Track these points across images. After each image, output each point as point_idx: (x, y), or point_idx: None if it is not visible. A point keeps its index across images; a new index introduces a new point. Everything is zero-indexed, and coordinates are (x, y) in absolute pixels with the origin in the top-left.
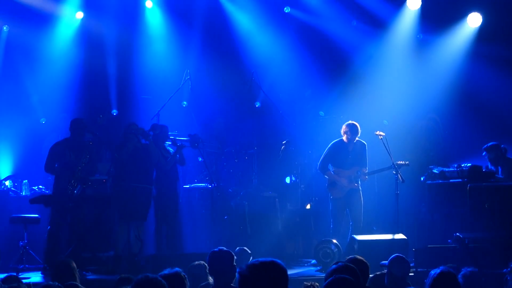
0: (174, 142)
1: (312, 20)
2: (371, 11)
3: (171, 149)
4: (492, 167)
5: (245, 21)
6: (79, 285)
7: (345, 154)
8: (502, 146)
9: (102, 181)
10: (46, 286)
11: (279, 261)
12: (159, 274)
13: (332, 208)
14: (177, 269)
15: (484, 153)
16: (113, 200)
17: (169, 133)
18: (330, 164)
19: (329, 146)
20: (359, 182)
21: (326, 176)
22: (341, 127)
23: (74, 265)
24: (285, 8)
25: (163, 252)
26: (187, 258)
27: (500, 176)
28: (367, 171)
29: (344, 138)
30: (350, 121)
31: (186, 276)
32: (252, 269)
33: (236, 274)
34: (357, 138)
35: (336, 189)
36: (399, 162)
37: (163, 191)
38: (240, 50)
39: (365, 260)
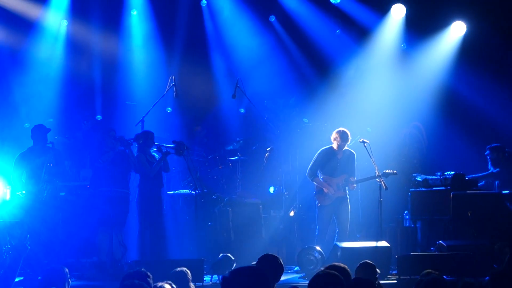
0: (159, 148)
1: (297, 28)
2: (356, 19)
3: (156, 155)
4: (491, 168)
5: (230, 27)
6: None
7: (334, 162)
8: (507, 149)
9: (85, 186)
10: None
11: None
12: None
13: (318, 215)
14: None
15: (487, 152)
16: (92, 205)
17: (154, 140)
18: (318, 171)
19: (318, 152)
20: (347, 191)
21: (314, 183)
22: (325, 134)
23: (67, 271)
24: (270, 17)
25: (146, 258)
26: (170, 264)
27: (487, 173)
28: (355, 180)
29: (334, 145)
30: (340, 128)
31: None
32: (234, 275)
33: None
34: (346, 147)
35: (324, 196)
36: (387, 171)
37: (147, 196)
38: (225, 56)
39: (346, 267)
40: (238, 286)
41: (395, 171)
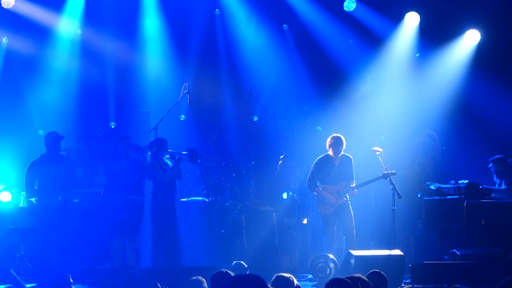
0: (172, 156)
1: (311, 36)
2: (369, 27)
3: (169, 162)
4: (497, 180)
5: (244, 35)
6: None
7: (332, 169)
8: (509, 160)
9: (99, 193)
10: None
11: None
12: None
13: (323, 225)
14: None
15: (490, 165)
16: (105, 212)
17: (168, 147)
18: (318, 181)
19: (315, 162)
20: (348, 197)
21: (314, 193)
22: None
23: (70, 278)
24: (284, 26)
25: (159, 265)
26: (183, 271)
27: (499, 188)
28: (354, 185)
29: (330, 151)
30: (334, 134)
31: None
32: (232, 283)
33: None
34: (342, 152)
35: (326, 205)
36: (385, 172)
37: (160, 204)
38: (239, 64)
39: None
40: None
41: (393, 171)
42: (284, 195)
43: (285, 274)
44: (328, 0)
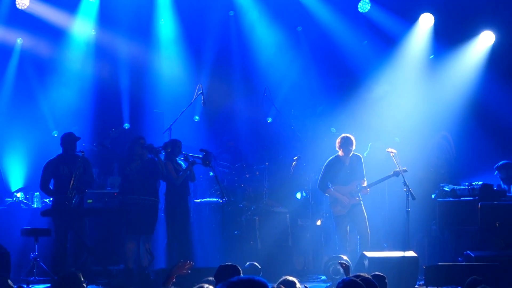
0: (186, 158)
1: (325, 37)
2: (383, 28)
3: (183, 164)
4: (505, 186)
5: (258, 37)
6: None
7: (342, 170)
8: None
9: (113, 194)
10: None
11: (261, 279)
12: None
13: (336, 226)
14: None
15: (496, 172)
16: (120, 213)
17: (182, 149)
18: (329, 182)
19: (325, 163)
20: (360, 196)
21: (326, 194)
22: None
23: (81, 277)
24: (298, 27)
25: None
26: (197, 272)
27: (510, 194)
28: (366, 184)
29: (340, 152)
30: (343, 134)
31: None
32: (230, 286)
33: None
34: (352, 152)
35: (339, 206)
36: (396, 170)
37: (174, 205)
38: (253, 65)
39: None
40: None
41: (404, 168)
42: (298, 195)
43: (289, 278)
44: (342, 1)
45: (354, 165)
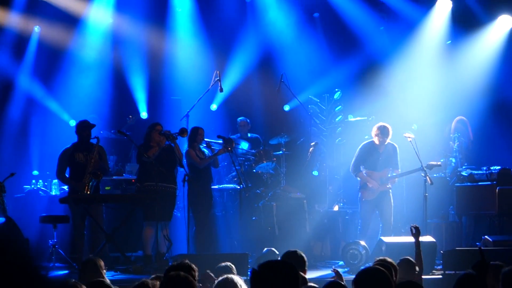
0: (208, 145)
1: (341, 23)
2: (400, 14)
3: (206, 150)
4: None
5: (274, 23)
6: (106, 282)
7: (376, 156)
8: None
9: (131, 181)
10: (64, 283)
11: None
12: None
13: (361, 210)
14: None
15: None
16: (138, 200)
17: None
18: (361, 166)
19: (359, 147)
20: (390, 184)
21: (358, 178)
22: (370, 129)
23: (101, 263)
24: (314, 14)
25: (191, 252)
26: (215, 258)
27: None
28: (399, 172)
29: (376, 140)
30: (381, 123)
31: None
32: (264, 268)
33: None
34: (388, 140)
35: (368, 191)
36: (431, 163)
37: (197, 191)
38: (269, 52)
39: (394, 262)
40: (269, 280)
41: (439, 163)
42: (315, 173)
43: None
44: None
45: (389, 153)
